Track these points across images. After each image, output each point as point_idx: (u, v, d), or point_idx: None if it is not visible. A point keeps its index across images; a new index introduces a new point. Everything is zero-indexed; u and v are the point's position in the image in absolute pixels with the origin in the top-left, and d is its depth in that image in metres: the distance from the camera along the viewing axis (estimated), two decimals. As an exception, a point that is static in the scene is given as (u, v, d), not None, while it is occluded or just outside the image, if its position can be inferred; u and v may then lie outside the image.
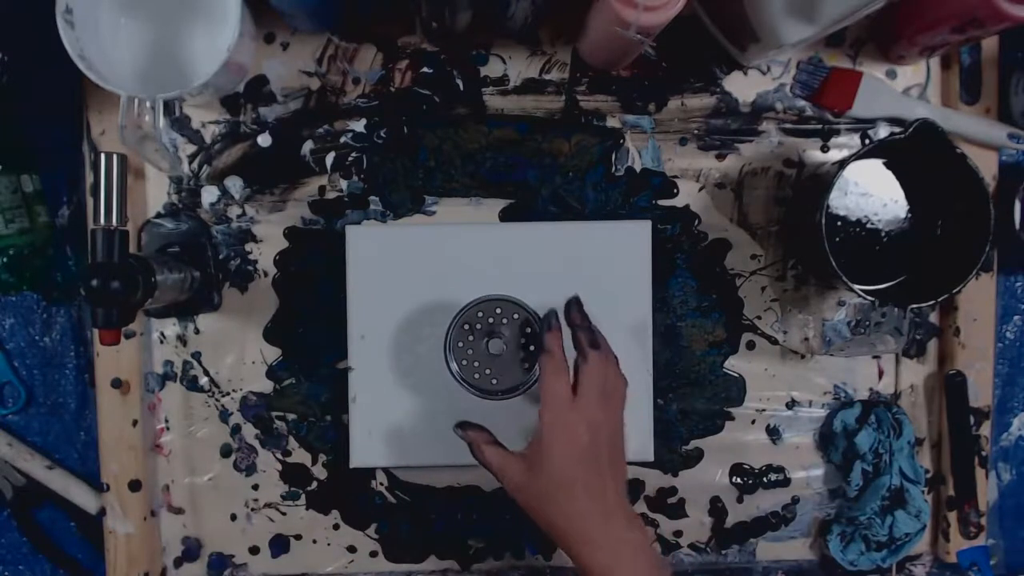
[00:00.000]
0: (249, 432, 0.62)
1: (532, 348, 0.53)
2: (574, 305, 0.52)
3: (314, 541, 0.63)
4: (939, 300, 0.56)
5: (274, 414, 0.62)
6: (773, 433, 0.64)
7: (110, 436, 0.60)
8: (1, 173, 0.57)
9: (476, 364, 0.53)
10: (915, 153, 0.57)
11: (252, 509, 0.63)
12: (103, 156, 0.50)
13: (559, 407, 0.49)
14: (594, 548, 0.48)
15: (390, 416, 0.61)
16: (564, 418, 0.48)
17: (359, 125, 0.61)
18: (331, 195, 0.61)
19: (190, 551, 0.63)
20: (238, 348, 0.62)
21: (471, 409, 0.60)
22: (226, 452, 0.62)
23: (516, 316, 0.53)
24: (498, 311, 0.53)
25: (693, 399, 0.63)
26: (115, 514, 0.61)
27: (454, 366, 0.53)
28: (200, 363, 0.62)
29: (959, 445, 0.63)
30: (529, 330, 0.53)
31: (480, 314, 0.53)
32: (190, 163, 0.61)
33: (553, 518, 0.49)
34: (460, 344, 0.53)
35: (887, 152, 0.60)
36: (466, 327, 0.53)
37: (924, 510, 0.62)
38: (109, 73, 0.52)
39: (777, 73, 0.62)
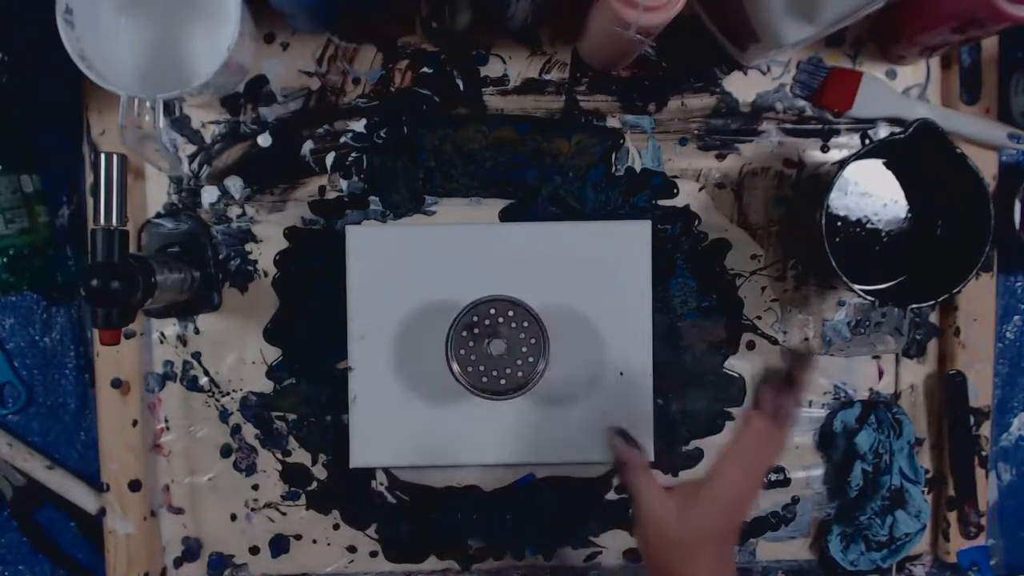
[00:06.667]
0: (249, 432, 0.62)
1: (533, 342, 0.54)
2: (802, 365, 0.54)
3: (314, 541, 0.63)
4: (939, 300, 0.56)
5: (274, 414, 0.62)
6: (773, 433, 0.64)
7: (110, 436, 0.60)
8: (1, 173, 0.57)
9: (479, 367, 0.53)
10: (915, 153, 0.57)
11: (252, 509, 0.63)
12: (103, 156, 0.50)
13: (749, 462, 0.47)
14: None
15: (390, 416, 0.61)
16: (746, 476, 0.47)
17: (359, 125, 0.61)
18: (331, 195, 0.61)
19: (190, 551, 0.63)
20: (238, 348, 0.62)
21: (472, 411, 0.60)
22: (226, 452, 0.62)
23: (512, 314, 0.53)
24: (492, 311, 0.53)
25: (693, 399, 0.63)
26: (115, 514, 0.61)
27: (456, 368, 0.53)
28: (200, 363, 0.62)
29: (959, 445, 0.63)
30: (527, 324, 0.53)
31: (476, 318, 0.53)
32: (190, 163, 0.61)
33: (693, 565, 0.46)
34: (460, 347, 0.53)
35: (887, 152, 0.60)
36: (465, 331, 0.53)
37: (924, 510, 0.62)
38: (109, 73, 0.52)
39: (777, 73, 0.62)
